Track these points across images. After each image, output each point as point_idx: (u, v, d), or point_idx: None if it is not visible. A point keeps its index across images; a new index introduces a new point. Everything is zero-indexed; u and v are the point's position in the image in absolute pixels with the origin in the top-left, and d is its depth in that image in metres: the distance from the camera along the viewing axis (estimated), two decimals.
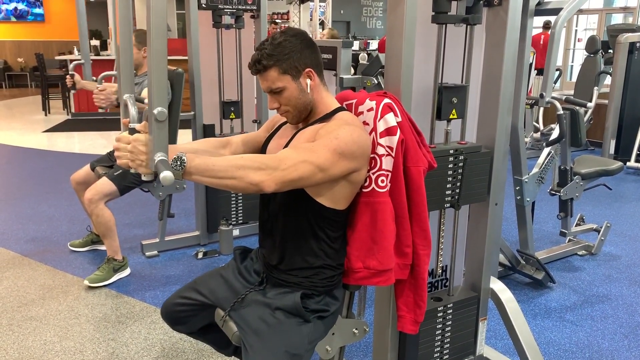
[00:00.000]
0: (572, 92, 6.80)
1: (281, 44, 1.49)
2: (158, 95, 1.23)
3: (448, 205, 1.82)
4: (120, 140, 1.33)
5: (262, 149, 1.72)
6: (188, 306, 1.76)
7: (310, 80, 1.53)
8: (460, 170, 1.79)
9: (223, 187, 1.33)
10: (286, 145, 1.55)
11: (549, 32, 2.84)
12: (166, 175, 1.20)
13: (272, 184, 1.33)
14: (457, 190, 1.81)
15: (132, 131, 1.76)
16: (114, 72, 3.26)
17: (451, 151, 1.77)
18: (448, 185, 1.79)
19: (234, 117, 3.61)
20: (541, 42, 8.77)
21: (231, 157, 1.36)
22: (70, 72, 3.46)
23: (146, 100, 1.94)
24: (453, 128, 1.82)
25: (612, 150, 5.90)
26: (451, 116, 1.78)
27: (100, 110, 2.96)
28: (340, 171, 1.43)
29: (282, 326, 1.51)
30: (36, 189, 4.93)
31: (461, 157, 1.78)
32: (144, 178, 1.33)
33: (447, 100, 1.75)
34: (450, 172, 1.78)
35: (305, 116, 1.58)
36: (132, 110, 1.85)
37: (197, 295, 1.75)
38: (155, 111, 1.22)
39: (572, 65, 11.02)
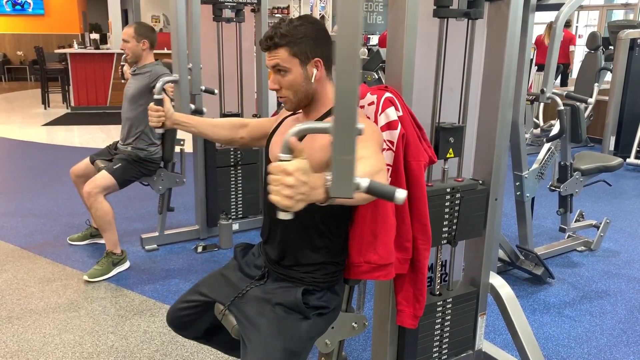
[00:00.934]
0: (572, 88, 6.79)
1: (297, 28, 1.48)
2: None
3: (444, 241, 1.85)
4: (278, 172, 1.03)
5: (267, 141, 1.71)
6: (191, 309, 1.75)
7: (317, 70, 1.52)
8: (457, 208, 1.82)
9: None
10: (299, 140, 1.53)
11: (551, 29, 2.83)
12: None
13: None
14: (454, 227, 1.84)
15: (158, 102, 1.93)
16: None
17: (448, 189, 1.79)
18: (445, 223, 1.81)
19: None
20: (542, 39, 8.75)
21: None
22: (122, 63, 3.67)
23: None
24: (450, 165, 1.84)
25: (612, 147, 5.90)
26: (448, 155, 1.79)
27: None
28: None
29: (281, 322, 1.50)
30: (36, 182, 4.93)
31: (458, 195, 1.81)
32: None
33: (445, 140, 1.76)
34: (447, 210, 1.80)
35: (304, 105, 1.57)
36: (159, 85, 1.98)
37: (198, 296, 1.74)
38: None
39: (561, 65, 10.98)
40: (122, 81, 3.58)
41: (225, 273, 1.76)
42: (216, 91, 3.35)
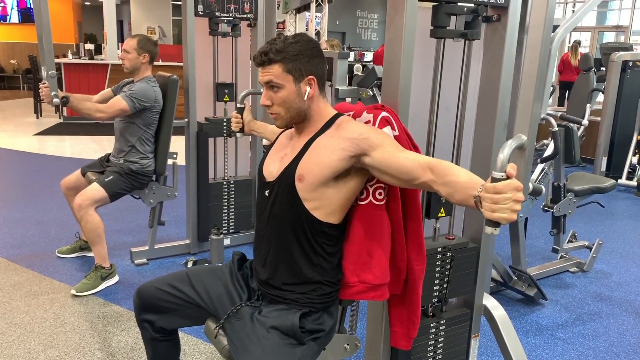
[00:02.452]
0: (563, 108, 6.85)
1: (292, 45, 1.48)
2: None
3: (435, 300, 1.85)
4: (512, 189, 1.12)
5: (262, 158, 1.69)
6: (176, 298, 1.68)
7: (310, 88, 1.51)
8: (448, 267, 1.82)
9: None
10: (297, 157, 1.51)
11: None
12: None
13: None
14: (445, 286, 1.84)
15: (240, 110, 2.15)
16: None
17: (439, 249, 1.80)
18: (436, 282, 1.82)
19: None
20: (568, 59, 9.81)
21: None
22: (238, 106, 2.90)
23: None
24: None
25: (603, 167, 5.93)
26: (439, 214, 1.80)
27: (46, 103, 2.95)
28: None
29: (275, 349, 1.46)
30: (25, 192, 4.87)
31: (449, 254, 1.81)
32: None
33: (436, 200, 1.78)
34: (438, 269, 1.81)
35: (295, 122, 1.56)
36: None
37: (190, 290, 1.68)
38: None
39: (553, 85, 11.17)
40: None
41: (222, 277, 1.70)
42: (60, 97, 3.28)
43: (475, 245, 1.88)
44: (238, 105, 2.25)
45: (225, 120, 3.53)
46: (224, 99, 3.56)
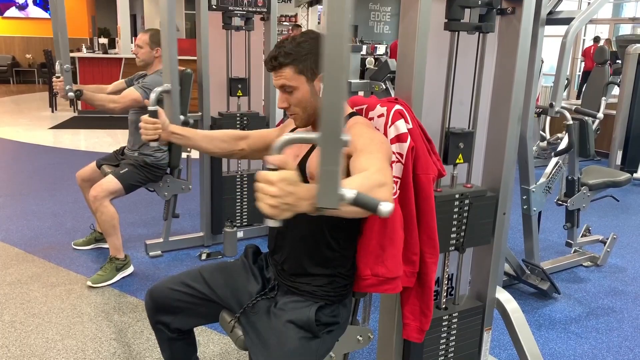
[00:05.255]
0: (578, 101, 6.78)
1: (301, 45, 1.48)
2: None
3: (452, 248, 1.83)
4: (262, 180, 1.04)
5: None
6: (191, 297, 1.66)
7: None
8: (465, 214, 1.80)
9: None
10: (306, 155, 1.53)
11: (561, 42, 2.82)
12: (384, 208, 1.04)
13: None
14: (462, 234, 1.82)
15: (153, 114, 1.86)
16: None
17: (457, 195, 1.77)
18: (453, 229, 1.80)
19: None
20: (592, 52, 10.02)
21: (364, 177, 1.23)
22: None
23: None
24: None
25: (618, 161, 5.86)
26: (457, 161, 1.79)
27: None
28: None
29: (291, 341, 1.47)
30: (41, 185, 4.94)
31: (466, 202, 1.79)
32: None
33: (454, 145, 1.76)
34: (455, 216, 1.79)
35: (313, 120, 1.57)
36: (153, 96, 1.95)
37: (204, 287, 1.66)
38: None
39: (579, 75, 11.03)
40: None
41: (235, 272, 1.71)
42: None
43: (493, 195, 1.85)
44: (150, 109, 1.93)
45: (239, 115, 3.55)
46: (237, 94, 3.58)
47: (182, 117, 3.15)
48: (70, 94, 2.91)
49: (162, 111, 1.83)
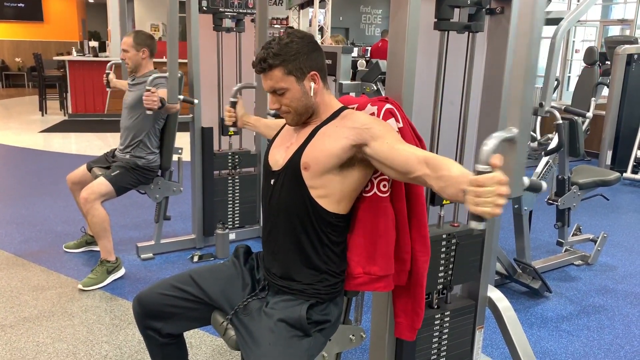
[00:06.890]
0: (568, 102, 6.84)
1: (288, 45, 1.48)
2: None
3: (440, 287, 1.85)
4: (495, 183, 1.08)
5: (267, 147, 1.71)
6: (182, 300, 1.63)
7: (314, 83, 1.52)
8: (452, 254, 1.82)
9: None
10: (302, 146, 1.53)
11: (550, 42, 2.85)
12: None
13: None
14: (450, 273, 1.84)
15: (233, 104, 2.19)
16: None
17: (444, 236, 1.79)
18: (440, 269, 1.82)
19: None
20: None
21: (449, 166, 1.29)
22: (106, 71, 3.67)
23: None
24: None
25: (608, 161, 5.92)
26: (444, 202, 1.80)
27: (148, 113, 2.95)
28: None
29: (282, 340, 1.47)
30: (32, 189, 4.90)
31: (454, 241, 1.81)
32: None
33: None
34: (442, 256, 1.81)
35: (305, 119, 1.57)
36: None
37: (195, 289, 1.64)
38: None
39: (569, 76, 11.10)
40: (107, 90, 3.62)
41: (226, 273, 1.70)
42: (195, 101, 3.35)
43: (480, 233, 1.87)
44: (231, 99, 2.25)
45: (230, 153, 3.63)
46: (229, 133, 3.61)
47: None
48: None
49: (241, 102, 2.19)
